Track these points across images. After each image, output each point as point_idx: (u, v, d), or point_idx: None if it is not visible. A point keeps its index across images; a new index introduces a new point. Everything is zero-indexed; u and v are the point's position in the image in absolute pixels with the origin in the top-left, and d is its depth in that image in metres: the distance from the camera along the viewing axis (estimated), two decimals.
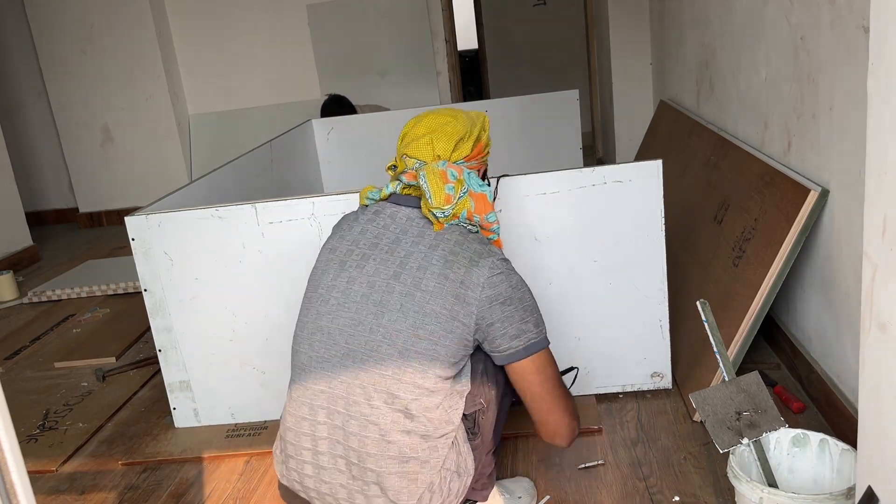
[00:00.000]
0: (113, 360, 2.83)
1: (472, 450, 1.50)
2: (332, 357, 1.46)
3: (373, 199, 1.60)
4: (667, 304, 2.00)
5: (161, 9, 5.13)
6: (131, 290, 3.60)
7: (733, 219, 2.22)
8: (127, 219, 2.08)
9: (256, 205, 2.02)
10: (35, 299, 3.70)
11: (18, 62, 5.36)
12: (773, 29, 2.10)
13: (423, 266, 1.43)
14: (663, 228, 1.94)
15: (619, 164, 1.92)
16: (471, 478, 1.50)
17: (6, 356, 3.02)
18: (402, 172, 1.56)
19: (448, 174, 1.49)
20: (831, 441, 1.45)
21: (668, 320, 2.02)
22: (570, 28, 6.60)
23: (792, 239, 1.84)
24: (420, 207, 1.52)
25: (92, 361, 2.84)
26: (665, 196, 1.93)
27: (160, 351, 2.17)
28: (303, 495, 1.54)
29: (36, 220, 5.39)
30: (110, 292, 3.63)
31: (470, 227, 1.52)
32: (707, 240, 2.36)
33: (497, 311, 1.42)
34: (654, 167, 1.91)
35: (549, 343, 1.48)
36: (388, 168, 1.62)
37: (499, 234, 1.60)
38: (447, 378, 1.43)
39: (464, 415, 1.49)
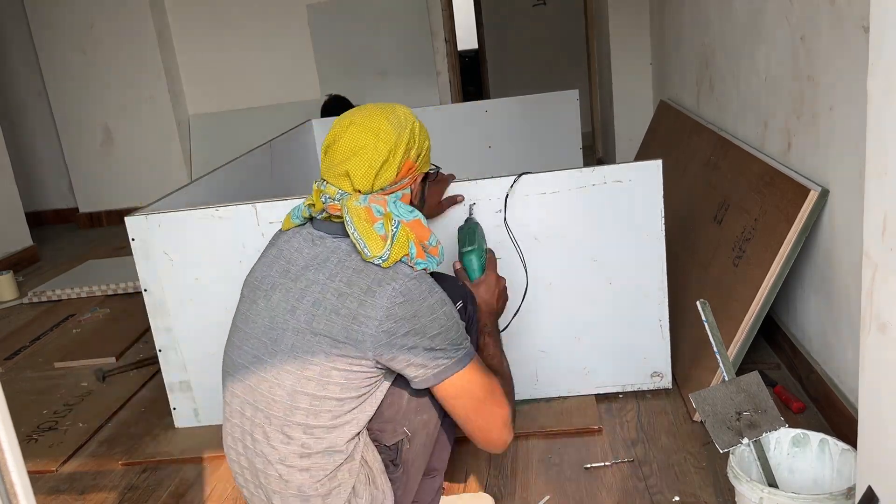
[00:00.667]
0: (113, 360, 2.83)
1: (394, 482, 1.43)
2: (240, 392, 1.42)
3: (296, 221, 1.49)
4: (667, 304, 2.00)
5: (161, 9, 5.13)
6: (131, 290, 3.60)
7: (733, 219, 2.22)
8: (127, 219, 2.08)
9: (256, 205, 2.01)
10: (35, 299, 3.70)
11: (18, 62, 5.36)
12: (773, 29, 2.10)
13: (318, 301, 1.33)
14: (663, 228, 1.94)
15: (619, 164, 1.92)
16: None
17: (6, 356, 3.02)
18: (322, 211, 1.43)
19: (373, 211, 1.36)
20: (831, 441, 1.45)
21: (668, 320, 2.02)
22: (570, 28, 6.60)
23: (792, 239, 1.84)
24: (343, 235, 1.40)
25: (92, 361, 2.84)
26: (665, 196, 1.93)
27: (160, 351, 2.17)
28: None
29: (36, 220, 5.39)
30: (110, 292, 3.63)
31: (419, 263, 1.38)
32: (707, 240, 2.36)
33: (397, 344, 1.30)
34: (654, 167, 1.91)
35: (469, 360, 1.36)
36: (307, 206, 1.47)
37: (442, 259, 1.45)
38: (345, 413, 1.35)
39: (385, 446, 1.43)
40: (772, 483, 1.46)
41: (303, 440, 1.35)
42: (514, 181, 1.81)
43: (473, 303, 1.53)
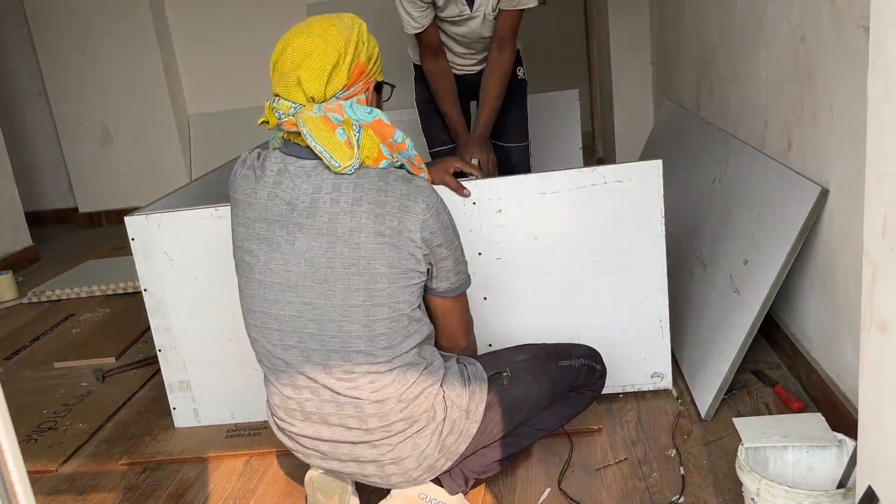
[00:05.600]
0: (113, 360, 2.83)
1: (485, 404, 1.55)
2: (297, 345, 1.44)
3: (273, 147, 1.46)
4: (667, 303, 2.00)
5: (161, 9, 5.13)
6: (131, 290, 3.60)
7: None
8: (127, 219, 2.08)
9: None
10: (35, 299, 3.70)
11: (18, 62, 5.36)
12: (773, 29, 2.10)
13: (355, 229, 1.34)
14: (663, 228, 1.94)
15: (619, 164, 1.92)
16: (477, 426, 1.53)
17: (6, 356, 3.02)
18: (280, 123, 1.39)
19: (330, 119, 1.34)
20: (849, 441, 1.46)
21: (668, 320, 2.02)
22: (570, 28, 6.60)
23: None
24: (308, 158, 1.38)
25: (92, 361, 2.84)
26: (665, 196, 1.93)
27: (160, 351, 2.17)
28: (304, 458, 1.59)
29: (36, 220, 5.38)
30: (110, 292, 3.63)
31: (398, 163, 1.45)
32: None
33: (435, 252, 1.42)
34: (654, 167, 1.91)
35: (469, 282, 1.55)
36: (261, 123, 1.45)
37: (413, 153, 1.48)
38: (416, 322, 1.47)
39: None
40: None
41: (386, 360, 1.42)
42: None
43: None
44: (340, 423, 1.48)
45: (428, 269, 1.44)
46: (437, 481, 1.59)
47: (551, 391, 1.67)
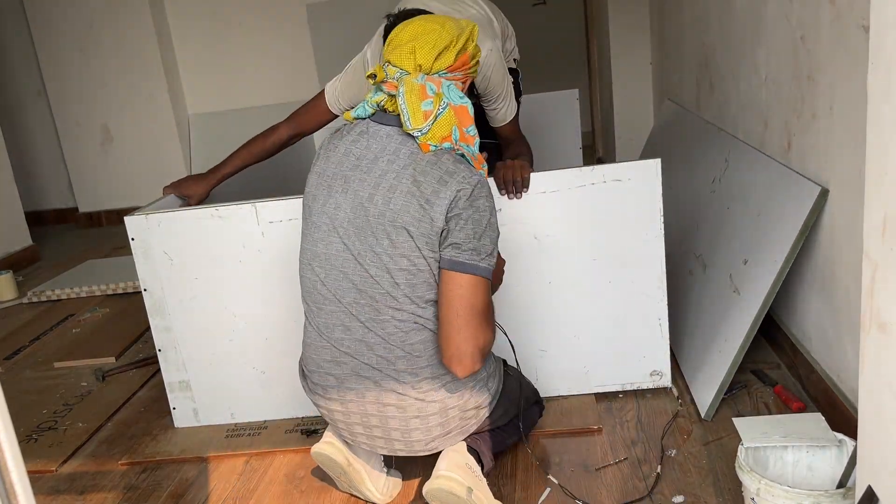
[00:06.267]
0: (113, 360, 2.83)
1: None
2: (334, 282, 1.55)
3: (359, 118, 1.60)
4: (666, 302, 2.00)
5: (161, 9, 5.13)
6: (131, 290, 3.60)
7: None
8: (127, 218, 2.08)
9: (256, 204, 2.02)
10: (35, 299, 3.70)
11: (18, 62, 5.36)
12: (773, 29, 2.10)
13: (394, 186, 1.49)
14: (663, 227, 1.94)
15: (618, 163, 1.92)
16: (495, 397, 1.65)
17: (6, 356, 3.02)
18: (383, 82, 1.55)
19: (427, 89, 1.50)
20: (849, 441, 1.45)
21: (667, 319, 2.02)
22: (570, 28, 6.60)
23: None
24: (391, 125, 1.54)
25: (92, 361, 2.84)
26: (665, 195, 1.93)
27: (160, 351, 2.17)
28: (329, 417, 1.67)
29: (36, 219, 5.38)
30: (110, 292, 3.63)
31: (458, 151, 1.56)
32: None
33: (453, 224, 1.47)
34: (654, 166, 1.91)
35: (488, 275, 1.51)
36: (368, 76, 1.60)
37: (477, 151, 1.61)
38: (435, 288, 1.52)
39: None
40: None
41: (409, 307, 1.52)
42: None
43: None
44: (368, 363, 1.56)
45: (441, 233, 1.49)
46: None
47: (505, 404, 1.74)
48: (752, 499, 1.40)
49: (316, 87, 5.20)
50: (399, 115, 1.52)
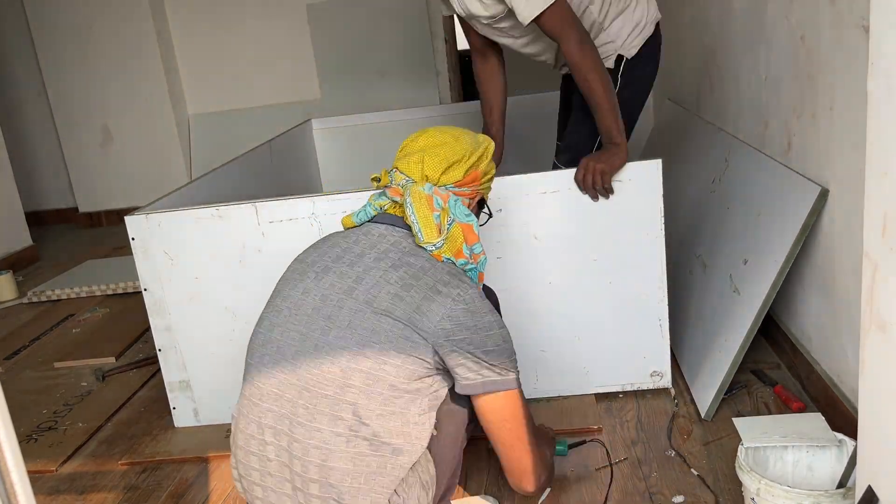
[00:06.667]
0: (113, 360, 2.83)
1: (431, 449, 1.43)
2: (279, 372, 1.37)
3: (360, 221, 1.52)
4: (666, 303, 2.00)
5: (161, 9, 5.13)
6: (131, 290, 3.60)
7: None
8: (127, 218, 2.08)
9: (256, 204, 2.02)
10: (35, 299, 3.70)
11: (18, 62, 5.36)
12: (773, 29, 2.10)
13: (379, 284, 1.35)
14: (663, 228, 1.94)
15: None
16: (433, 492, 1.43)
17: (6, 356, 3.02)
18: (387, 187, 1.49)
19: (434, 201, 1.43)
20: (849, 441, 1.46)
21: (667, 319, 2.02)
22: None
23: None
24: (393, 224, 1.46)
25: (92, 361, 2.84)
26: (665, 195, 1.93)
27: (160, 351, 2.17)
28: None
29: (36, 219, 5.38)
30: (110, 292, 3.63)
31: (463, 264, 1.46)
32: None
33: (453, 343, 1.33)
34: (654, 167, 1.91)
35: (516, 386, 1.38)
36: (373, 179, 1.56)
37: (483, 269, 1.52)
38: (395, 400, 1.33)
39: None
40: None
41: (351, 422, 1.32)
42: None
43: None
44: (289, 479, 1.38)
45: (435, 354, 1.34)
46: None
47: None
48: (752, 499, 1.40)
49: (316, 87, 5.21)
50: (401, 217, 1.46)
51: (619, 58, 2.16)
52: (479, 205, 1.58)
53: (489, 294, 1.63)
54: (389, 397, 1.32)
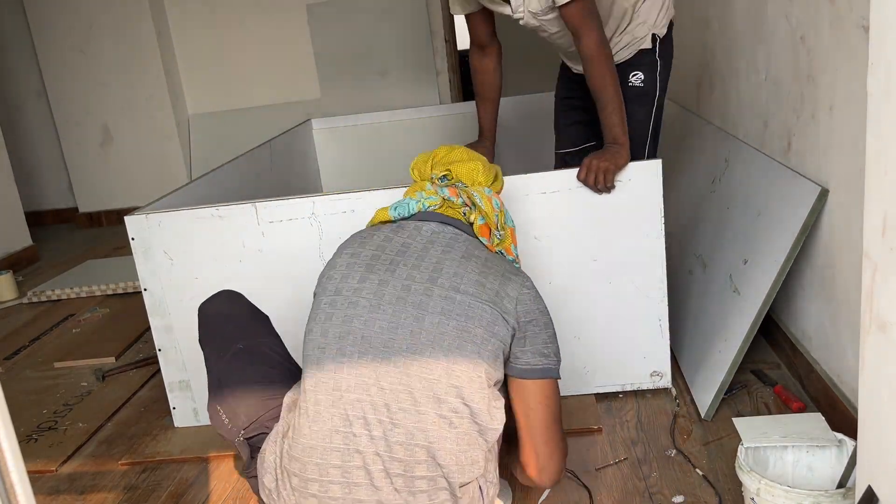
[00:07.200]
0: (112, 359, 2.83)
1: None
2: (370, 362, 1.36)
3: (400, 215, 1.53)
4: (666, 303, 2.00)
5: (160, 8, 5.12)
6: (131, 290, 3.60)
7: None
8: (127, 218, 2.08)
9: (256, 204, 2.02)
10: (35, 299, 3.70)
11: (18, 62, 5.35)
12: (773, 29, 2.10)
13: (459, 273, 1.40)
14: (663, 228, 1.94)
15: None
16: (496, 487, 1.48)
17: (6, 356, 3.02)
18: (445, 185, 1.56)
19: (492, 201, 1.54)
20: (849, 441, 1.45)
21: (667, 319, 2.02)
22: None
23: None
24: (443, 223, 1.51)
25: (91, 361, 2.83)
26: (665, 195, 1.93)
27: (160, 350, 2.17)
28: None
29: (35, 219, 5.38)
30: (110, 292, 3.63)
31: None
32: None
33: (529, 327, 1.41)
34: (654, 167, 1.91)
35: (559, 376, 1.45)
36: (417, 175, 1.62)
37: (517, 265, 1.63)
38: (492, 383, 1.39)
39: None
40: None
41: (454, 404, 1.35)
42: None
43: None
44: (384, 469, 1.37)
45: (513, 336, 1.39)
46: None
47: None
48: (752, 499, 1.40)
49: (316, 87, 5.21)
50: (447, 215, 1.52)
51: (654, 37, 2.21)
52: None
53: None
54: (485, 380, 1.37)
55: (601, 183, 1.89)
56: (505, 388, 1.46)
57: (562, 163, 2.46)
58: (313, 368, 1.41)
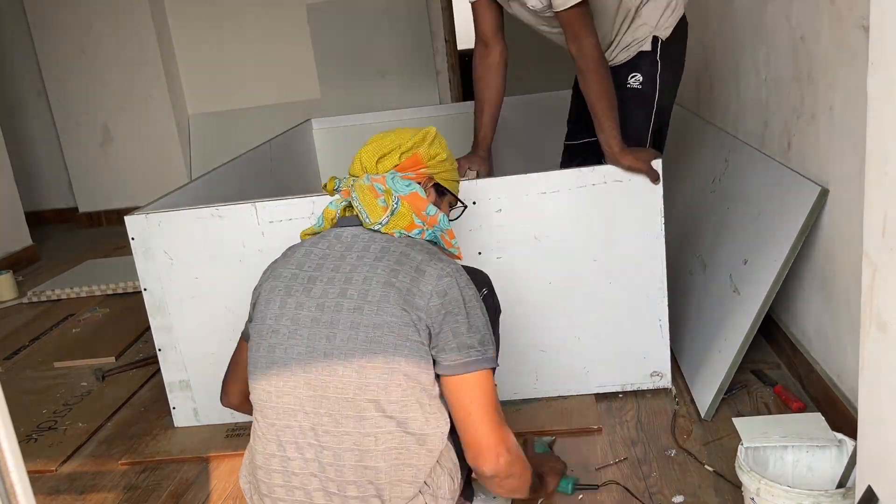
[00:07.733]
0: (112, 359, 2.83)
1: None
2: (293, 389, 1.38)
3: (319, 226, 1.55)
4: (666, 303, 2.00)
5: (160, 9, 5.13)
6: (131, 290, 3.60)
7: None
8: (127, 218, 2.08)
9: (256, 204, 2.02)
10: (35, 299, 3.70)
11: (18, 62, 5.36)
12: (773, 29, 2.10)
13: (369, 277, 1.37)
14: (663, 228, 1.94)
15: None
16: (460, 477, 1.46)
17: (6, 356, 3.02)
18: (336, 190, 1.56)
19: (375, 189, 1.48)
20: (849, 441, 1.45)
21: (667, 319, 2.02)
22: None
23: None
24: (359, 224, 1.48)
25: (91, 361, 2.83)
26: (665, 195, 1.93)
27: (160, 350, 2.17)
28: None
29: (35, 219, 5.37)
30: (110, 292, 3.63)
31: (430, 235, 1.49)
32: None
33: (447, 320, 1.35)
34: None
35: (494, 364, 1.39)
36: (323, 187, 1.61)
37: (447, 226, 1.54)
38: (414, 384, 1.35)
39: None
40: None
41: (376, 419, 1.34)
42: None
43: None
44: (321, 488, 1.39)
45: (430, 336, 1.36)
46: None
47: None
48: (752, 499, 1.40)
49: (316, 87, 5.21)
50: (358, 216, 1.48)
51: (655, 39, 2.18)
52: (439, 192, 1.58)
53: (477, 274, 1.63)
54: (406, 387, 1.34)
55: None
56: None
57: (565, 154, 2.46)
58: (252, 397, 1.46)
